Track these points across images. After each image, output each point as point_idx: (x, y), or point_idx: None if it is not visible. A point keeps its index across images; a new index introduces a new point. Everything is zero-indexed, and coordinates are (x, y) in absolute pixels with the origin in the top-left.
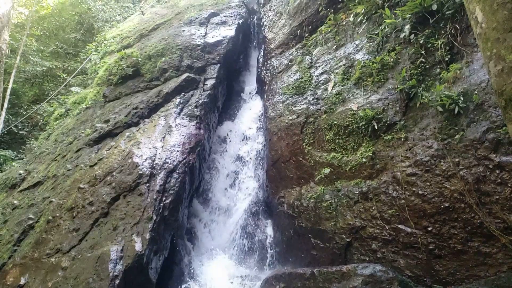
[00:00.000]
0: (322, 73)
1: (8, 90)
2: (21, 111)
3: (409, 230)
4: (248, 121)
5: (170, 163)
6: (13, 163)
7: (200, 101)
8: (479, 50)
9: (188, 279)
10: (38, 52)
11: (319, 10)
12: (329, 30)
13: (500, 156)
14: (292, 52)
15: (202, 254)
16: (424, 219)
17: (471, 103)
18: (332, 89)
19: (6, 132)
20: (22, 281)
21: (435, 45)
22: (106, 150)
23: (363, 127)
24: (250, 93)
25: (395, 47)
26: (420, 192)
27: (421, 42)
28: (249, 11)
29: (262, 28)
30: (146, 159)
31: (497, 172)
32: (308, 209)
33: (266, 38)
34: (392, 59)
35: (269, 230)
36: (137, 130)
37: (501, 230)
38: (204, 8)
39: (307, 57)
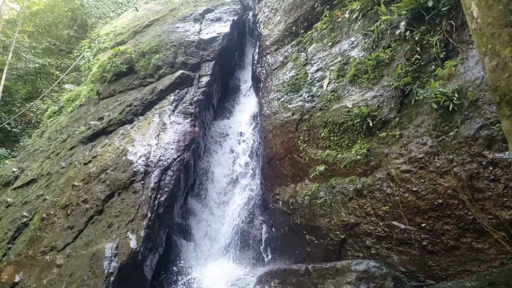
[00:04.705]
0: (317, 70)
1: (0, 88)
2: (14, 108)
3: (402, 226)
4: (243, 119)
5: (165, 161)
6: (7, 161)
7: (195, 99)
8: (474, 47)
9: (183, 276)
10: (30, 48)
11: (315, 6)
12: (325, 26)
13: (494, 152)
14: (287, 49)
15: (197, 251)
16: (418, 216)
17: (465, 100)
18: (327, 86)
19: None
20: (17, 279)
21: (430, 42)
22: (100, 148)
23: (358, 124)
24: (245, 91)
25: (391, 44)
26: (414, 189)
27: (416, 39)
28: (244, 7)
29: (257, 25)
30: (140, 157)
31: (490, 168)
32: (303, 206)
33: (261, 35)
34: (387, 56)
35: (264, 227)
36: (131, 128)
37: (494, 226)
38: (198, 4)
39: (303, 54)
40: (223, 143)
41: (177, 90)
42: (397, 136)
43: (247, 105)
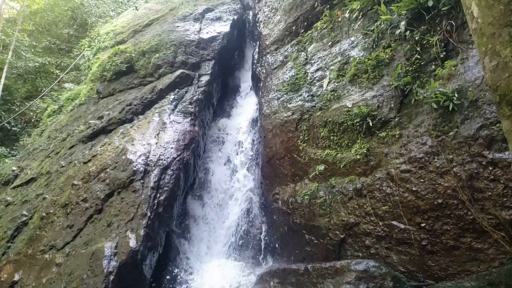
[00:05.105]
0: (317, 70)
1: (0, 86)
2: (14, 107)
3: (402, 226)
4: (242, 125)
5: (164, 160)
6: (6, 160)
7: (195, 98)
8: (474, 47)
9: (182, 275)
10: (30, 47)
11: (315, 6)
12: (325, 26)
13: (494, 153)
14: (287, 49)
15: (197, 250)
16: (418, 216)
17: (465, 100)
18: (327, 85)
19: None
20: (16, 278)
21: (430, 41)
22: (100, 147)
23: (357, 124)
24: (245, 92)
25: (391, 43)
26: (413, 189)
27: (416, 38)
28: (244, 6)
29: (257, 24)
30: (140, 156)
31: (490, 168)
32: (302, 206)
33: (261, 34)
34: (387, 56)
35: (264, 227)
36: (131, 127)
37: (493, 226)
38: (198, 3)
39: (302, 53)
40: (223, 142)
41: (177, 89)
42: (397, 136)
43: (245, 107)
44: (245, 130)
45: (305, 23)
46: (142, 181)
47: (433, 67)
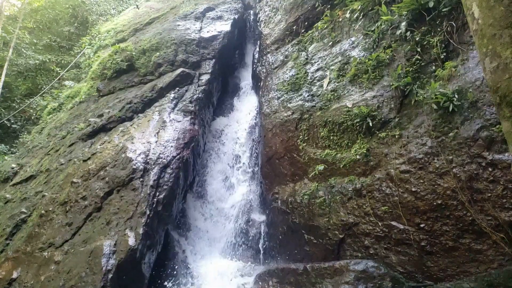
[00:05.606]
0: (317, 70)
1: (0, 84)
2: (14, 104)
3: (401, 226)
4: (243, 118)
5: (164, 158)
6: (6, 157)
7: (195, 97)
8: (475, 48)
9: (181, 274)
10: (31, 45)
11: (316, 6)
12: (325, 26)
13: (493, 154)
14: (288, 48)
15: (196, 249)
16: (417, 216)
17: (465, 101)
18: (327, 85)
19: None
20: (15, 275)
21: (431, 42)
22: (100, 145)
23: (357, 124)
24: (244, 93)
25: (391, 44)
26: (413, 189)
27: (417, 39)
28: (245, 6)
29: (258, 24)
30: (140, 154)
31: (490, 170)
32: (301, 205)
33: (262, 34)
34: (387, 56)
35: (263, 226)
36: (131, 125)
37: (493, 227)
38: (199, 2)
39: (303, 53)
40: (222, 141)
41: (177, 88)
42: (396, 136)
43: (243, 111)
44: (242, 142)
45: (306, 23)
46: (141, 179)
47: (434, 68)
